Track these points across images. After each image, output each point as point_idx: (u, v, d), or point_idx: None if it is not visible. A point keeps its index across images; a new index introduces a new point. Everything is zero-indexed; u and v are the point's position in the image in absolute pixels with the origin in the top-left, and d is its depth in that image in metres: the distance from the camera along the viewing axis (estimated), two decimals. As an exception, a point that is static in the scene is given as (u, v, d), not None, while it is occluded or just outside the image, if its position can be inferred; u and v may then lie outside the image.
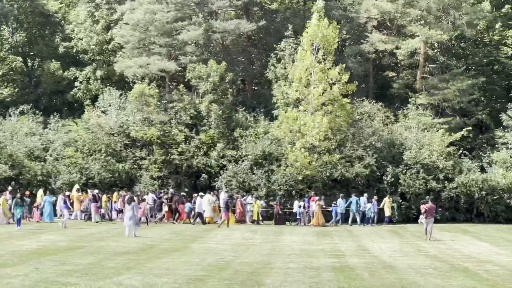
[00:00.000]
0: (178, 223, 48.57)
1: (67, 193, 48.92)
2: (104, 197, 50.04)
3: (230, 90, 60.76)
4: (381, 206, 51.56)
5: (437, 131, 56.92)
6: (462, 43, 68.89)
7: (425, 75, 63.00)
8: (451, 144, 56.27)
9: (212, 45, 68.94)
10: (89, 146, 57.32)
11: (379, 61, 69.42)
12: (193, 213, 49.22)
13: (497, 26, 69.03)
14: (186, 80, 61.00)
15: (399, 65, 67.49)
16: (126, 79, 65.41)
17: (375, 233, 42.36)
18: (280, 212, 50.08)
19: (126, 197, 40.12)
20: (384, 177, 54.12)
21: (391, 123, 60.38)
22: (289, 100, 55.41)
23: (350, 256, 28.65)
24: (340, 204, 50.76)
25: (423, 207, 39.96)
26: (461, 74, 61.94)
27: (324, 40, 53.84)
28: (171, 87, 63.67)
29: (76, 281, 20.36)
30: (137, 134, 57.00)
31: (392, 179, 53.82)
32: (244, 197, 51.16)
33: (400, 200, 52.91)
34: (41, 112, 64.60)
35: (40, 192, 50.71)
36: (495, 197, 53.75)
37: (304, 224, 49.84)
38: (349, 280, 21.29)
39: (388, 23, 66.82)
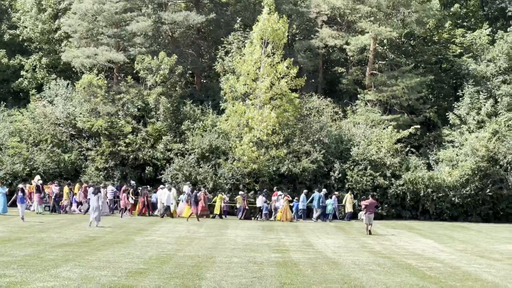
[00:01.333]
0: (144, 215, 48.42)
1: (20, 185, 47.82)
2: (66, 189, 49.58)
3: (179, 83, 60.30)
4: (343, 202, 51.83)
5: (385, 128, 57.07)
6: (412, 41, 69.26)
7: (374, 71, 63.13)
8: (398, 141, 56.57)
9: (161, 37, 68.37)
10: (34, 136, 56.50)
11: (328, 56, 69.43)
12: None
13: (446, 24, 69.61)
14: (134, 71, 60.43)
15: (348, 61, 67.55)
16: (73, 69, 64.53)
17: (321, 228, 42.26)
18: (246, 207, 49.70)
19: (92, 188, 41.92)
20: (331, 173, 54.24)
21: (339, 119, 60.55)
22: (237, 94, 55.07)
23: (294, 251, 28.43)
24: (302, 200, 50.68)
25: (363, 203, 40.82)
26: (410, 71, 62.29)
27: (274, 34, 53.70)
28: (119, 78, 62.98)
29: (12, 273, 19.84)
30: (84, 125, 56.41)
31: (340, 175, 53.99)
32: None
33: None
34: (-15, 101, 63.57)
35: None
36: (440, 195, 54.16)
37: (267, 219, 49.57)
38: (292, 276, 21.05)
39: (338, 18, 66.87)
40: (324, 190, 51.50)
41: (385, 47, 66.56)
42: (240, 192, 50.91)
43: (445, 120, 61.42)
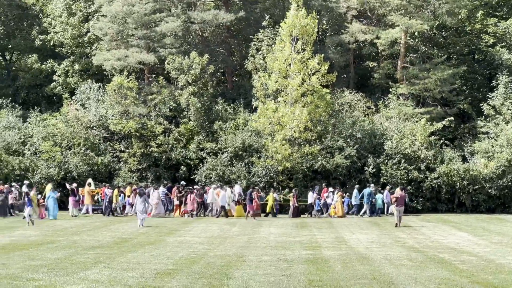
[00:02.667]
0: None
1: (24, 189, 47.86)
2: (115, 192, 50.17)
3: (211, 82, 60.33)
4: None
5: (418, 121, 56.59)
6: (443, 32, 68.53)
7: (405, 65, 62.63)
8: (432, 133, 56.07)
9: (191, 36, 68.41)
10: (68, 140, 56.89)
11: (359, 51, 69.01)
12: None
13: (478, 14, 68.79)
14: (165, 72, 60.51)
15: (379, 55, 67.17)
16: (105, 72, 64.82)
17: (355, 224, 41.99)
18: (296, 205, 49.54)
19: (138, 190, 43.36)
20: (365, 168, 53.93)
21: (372, 113, 60.23)
22: (269, 91, 54.95)
23: (326, 248, 28.27)
24: (355, 195, 50.68)
25: (393, 196, 41.99)
26: (442, 63, 61.75)
27: (303, 30, 53.52)
28: (150, 79, 63.12)
29: (41, 276, 19.97)
30: (115, 127, 56.62)
31: (374, 170, 53.65)
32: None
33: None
34: (20, 106, 64.07)
35: (48, 186, 49.95)
36: (476, 187, 53.51)
37: (320, 215, 49.38)
38: (321, 273, 20.91)
39: (368, 12, 66.46)
40: (372, 186, 51.37)
41: (416, 40, 65.99)
42: (294, 189, 50.74)
43: (480, 111, 60.70)
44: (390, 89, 62.08)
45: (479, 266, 22.74)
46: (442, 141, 57.06)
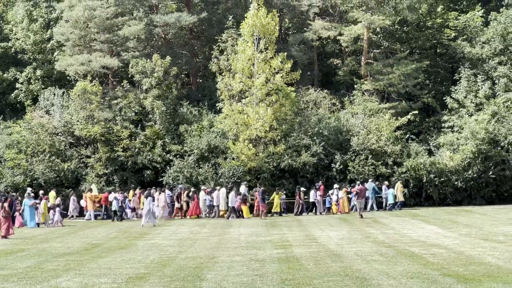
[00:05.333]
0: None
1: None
2: (52, 193, 49.74)
3: (175, 84, 60.17)
4: (394, 192, 51.94)
5: (383, 116, 56.88)
6: (405, 28, 68.95)
7: (369, 60, 62.98)
8: (398, 128, 56.54)
9: (154, 39, 68.23)
10: (33, 147, 56.32)
11: (323, 48, 69.34)
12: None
13: (438, 9, 69.22)
14: (129, 76, 60.26)
15: (343, 52, 67.48)
16: (68, 77, 64.46)
17: (325, 221, 42.05)
18: (301, 202, 49.64)
19: (145, 192, 44.75)
20: (332, 165, 54.08)
21: (337, 110, 60.54)
22: (233, 92, 54.91)
23: (297, 246, 28.21)
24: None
25: (354, 190, 44.83)
26: (405, 58, 62.22)
27: (264, 29, 53.53)
28: (114, 83, 62.82)
29: (11, 286, 19.67)
30: (81, 132, 56.34)
31: (341, 166, 53.95)
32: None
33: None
34: (-17, 115, 63.48)
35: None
36: (443, 180, 54.00)
37: (320, 213, 49.75)
38: (293, 271, 20.86)
39: (330, 10, 66.72)
40: (370, 181, 51.79)
41: (379, 36, 66.43)
42: (297, 187, 50.86)
43: (444, 104, 61.15)
44: (355, 86, 62.44)
45: (449, 259, 22.82)
46: (408, 135, 57.59)
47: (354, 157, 54.19)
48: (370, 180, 51.90)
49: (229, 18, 63.03)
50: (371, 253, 24.81)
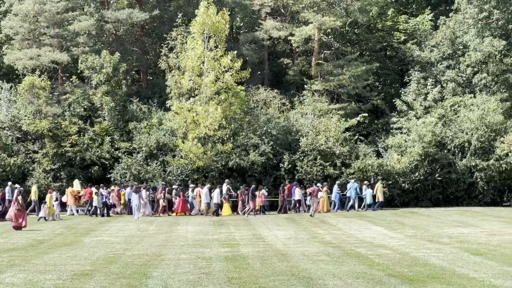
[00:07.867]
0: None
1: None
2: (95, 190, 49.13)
3: (124, 81, 59.82)
4: (374, 192, 52.04)
5: (333, 117, 57.11)
6: (356, 29, 69.36)
7: (320, 61, 63.15)
8: (347, 129, 56.73)
9: (105, 35, 67.74)
10: (-22, 141, 55.59)
11: (273, 48, 69.34)
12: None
13: (389, 12, 69.78)
14: (79, 71, 59.73)
15: (294, 52, 67.61)
16: (16, 71, 63.60)
17: (272, 221, 42.11)
18: (284, 199, 49.83)
19: (133, 188, 45.99)
20: (281, 165, 54.13)
21: (287, 110, 60.59)
22: (183, 90, 54.73)
23: (244, 245, 28.20)
24: (336, 190, 51.47)
25: (308, 190, 47.08)
26: (356, 60, 62.50)
27: (215, 27, 53.46)
28: (63, 78, 62.23)
29: (-47, 283, 19.34)
30: (28, 127, 55.68)
31: (289, 166, 53.98)
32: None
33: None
34: None
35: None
36: (390, 182, 54.31)
37: (304, 211, 49.94)
38: (240, 270, 20.81)
39: (282, 10, 66.83)
40: (352, 181, 52.05)
41: (329, 37, 66.65)
42: (282, 185, 50.99)
43: (393, 107, 61.61)
44: (305, 86, 62.52)
45: (394, 260, 22.99)
46: (356, 137, 57.71)
47: (302, 157, 54.30)
48: (352, 180, 52.13)
49: (179, 16, 62.75)
50: (317, 253, 24.87)
